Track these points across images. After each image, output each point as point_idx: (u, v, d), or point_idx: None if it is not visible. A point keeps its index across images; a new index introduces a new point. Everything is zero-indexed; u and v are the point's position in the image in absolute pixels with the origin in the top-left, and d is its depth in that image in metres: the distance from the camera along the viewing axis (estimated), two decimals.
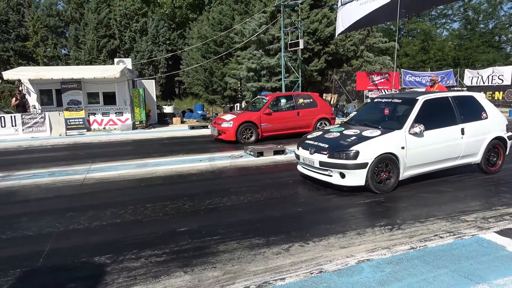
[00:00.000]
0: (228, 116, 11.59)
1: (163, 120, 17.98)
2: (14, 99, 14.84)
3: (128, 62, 17.36)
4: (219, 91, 24.75)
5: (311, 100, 12.17)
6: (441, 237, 4.05)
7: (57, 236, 4.41)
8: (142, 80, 18.55)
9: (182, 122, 17.81)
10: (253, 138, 11.12)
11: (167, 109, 18.85)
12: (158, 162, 8.61)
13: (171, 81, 31.85)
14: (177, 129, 15.53)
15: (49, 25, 30.34)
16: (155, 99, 18.70)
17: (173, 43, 31.12)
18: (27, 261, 3.78)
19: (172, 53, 28.18)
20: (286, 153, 9.04)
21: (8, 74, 14.81)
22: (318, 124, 11.96)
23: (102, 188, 6.61)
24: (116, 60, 17.93)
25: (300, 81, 18.38)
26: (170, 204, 5.45)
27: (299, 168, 6.73)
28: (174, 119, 17.76)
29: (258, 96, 13.43)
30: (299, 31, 19.09)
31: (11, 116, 14.02)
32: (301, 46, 17.99)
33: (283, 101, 11.91)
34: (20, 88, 15.11)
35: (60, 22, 31.35)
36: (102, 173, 7.63)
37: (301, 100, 11.99)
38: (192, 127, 15.45)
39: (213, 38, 23.42)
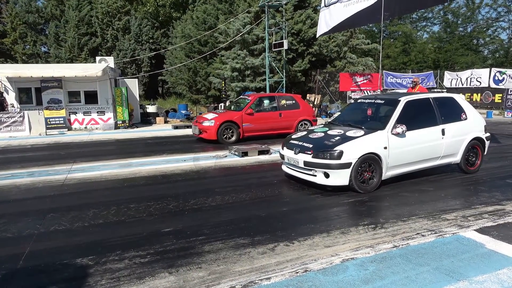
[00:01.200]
0: (210, 115, 11.58)
1: (146, 119, 17.77)
2: None
3: (110, 61, 17.06)
4: (203, 91, 24.62)
5: (294, 101, 12.26)
6: (423, 236, 4.13)
7: (38, 238, 4.30)
8: (124, 79, 18.28)
9: (166, 122, 17.64)
10: (234, 138, 11.13)
11: (151, 109, 18.63)
12: (142, 162, 8.50)
13: (155, 80, 31.51)
14: (161, 129, 15.38)
15: (28, 22, 29.57)
16: (138, 98, 18.46)
17: (157, 42, 30.81)
18: (6, 263, 3.68)
19: (155, 52, 27.90)
20: (271, 153, 9.07)
21: None
22: (300, 125, 12.05)
23: (84, 188, 6.48)
24: (98, 58, 17.60)
25: (284, 82, 18.48)
26: (154, 205, 5.39)
27: (284, 168, 6.76)
28: (157, 118, 17.58)
29: (241, 96, 13.40)
30: (283, 31, 19.18)
31: None
32: (285, 46, 18.07)
33: (265, 101, 11.96)
34: None
35: (40, 19, 30.59)
36: (84, 173, 7.49)
37: (283, 101, 12.07)
38: (176, 127, 15.32)
39: (197, 37, 23.30)
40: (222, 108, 17.24)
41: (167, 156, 9.25)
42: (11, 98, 14.80)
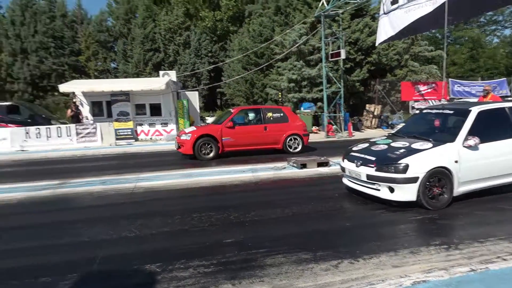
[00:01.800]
0: (189, 129, 11.38)
1: None
2: (69, 110, 15.80)
3: (172, 75, 17.96)
4: (260, 102, 24.95)
5: (282, 114, 11.50)
6: (504, 260, 3.77)
7: (110, 243, 4.58)
8: (185, 92, 19.10)
9: None
10: (212, 154, 10.58)
11: (210, 120, 19.24)
12: (202, 173, 8.77)
13: (213, 93, 32.52)
14: None
15: (99, 40, 32.10)
16: (198, 110, 19.16)
17: (215, 55, 31.85)
18: (83, 266, 3.95)
19: (214, 65, 28.83)
20: (330, 165, 8.89)
21: (63, 87, 15.83)
22: (288, 140, 11.35)
23: (150, 197, 6.82)
24: (161, 72, 18.59)
25: (342, 92, 18.13)
26: (216, 215, 5.50)
27: (345, 181, 6.58)
28: None
29: (229, 109, 12.89)
30: (340, 41, 18.87)
31: (66, 127, 14.94)
32: (343, 56, 17.73)
33: (249, 114, 11.48)
34: (74, 100, 16.07)
35: (110, 37, 33.07)
36: (150, 182, 7.88)
37: (269, 114, 11.38)
38: None
39: (254, 49, 23.73)
40: None
41: (226, 167, 9.44)
42: (85, 111, 16.13)
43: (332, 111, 18.03)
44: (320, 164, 8.87)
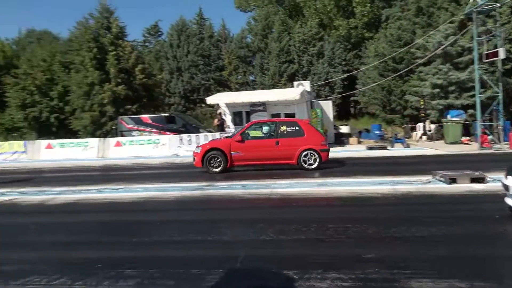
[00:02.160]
0: (203, 143, 11.50)
1: (340, 140, 18.10)
2: (216, 120, 17.72)
3: (306, 85, 18.34)
4: (398, 110, 23.48)
5: (297, 128, 10.80)
6: None
7: (250, 244, 4.84)
8: (319, 101, 19.24)
9: (359, 142, 17.53)
10: (219, 168, 10.55)
11: (343, 129, 18.96)
12: (338, 182, 8.66)
13: (346, 101, 31.97)
14: (354, 149, 15.34)
15: (240, 56, 35.03)
16: (331, 119, 19.08)
17: (349, 64, 31.33)
18: (228, 263, 4.22)
19: (348, 74, 28.33)
20: (487, 182, 7.68)
21: (210, 99, 17.86)
22: (303, 155, 10.28)
23: (286, 203, 7.03)
24: (295, 83, 19.20)
25: (500, 97, 15.61)
26: (353, 227, 5.30)
27: (508, 201, 5.56)
28: (350, 139, 17.70)
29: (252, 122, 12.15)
30: (498, 39, 16.31)
31: (212, 135, 16.66)
32: (502, 56, 15.27)
33: (262, 128, 10.96)
34: (219, 111, 17.85)
35: (249, 52, 35.79)
36: (286, 189, 8.12)
37: (283, 128, 10.76)
38: (370, 148, 15.00)
39: (392, 55, 22.46)
40: (421, 128, 15.90)
41: (362, 177, 9.08)
42: (228, 120, 17.74)
43: (487, 119, 15.67)
44: (474, 180, 7.74)
